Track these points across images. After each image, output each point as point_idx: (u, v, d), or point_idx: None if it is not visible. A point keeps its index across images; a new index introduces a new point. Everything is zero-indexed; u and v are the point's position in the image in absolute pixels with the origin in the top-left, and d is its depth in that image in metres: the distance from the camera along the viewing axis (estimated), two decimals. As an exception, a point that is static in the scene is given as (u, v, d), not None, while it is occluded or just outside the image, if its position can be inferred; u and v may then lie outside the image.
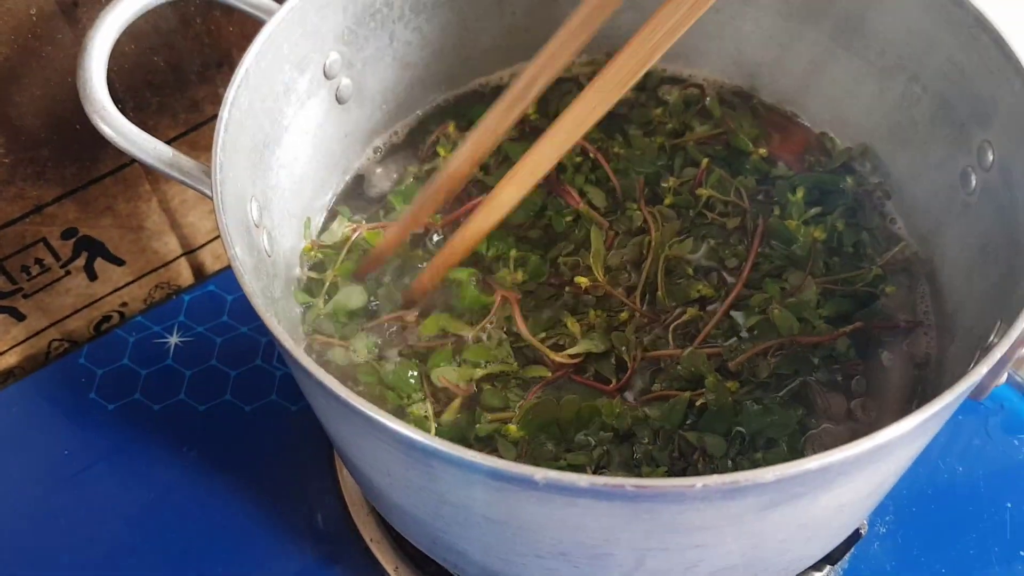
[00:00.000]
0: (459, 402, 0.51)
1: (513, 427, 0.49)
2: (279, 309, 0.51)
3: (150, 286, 0.69)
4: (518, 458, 0.49)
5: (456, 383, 0.51)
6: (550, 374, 0.52)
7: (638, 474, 0.48)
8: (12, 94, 0.53)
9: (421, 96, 0.62)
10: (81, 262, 0.64)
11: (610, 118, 0.63)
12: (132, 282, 0.67)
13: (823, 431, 0.49)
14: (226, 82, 0.46)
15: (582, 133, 0.48)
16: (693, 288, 0.54)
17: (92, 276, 0.65)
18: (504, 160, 0.61)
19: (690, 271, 0.55)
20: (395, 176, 0.61)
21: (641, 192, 0.58)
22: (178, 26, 0.57)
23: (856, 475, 0.37)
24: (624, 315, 0.53)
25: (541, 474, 0.33)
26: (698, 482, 0.32)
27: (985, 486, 0.59)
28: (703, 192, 0.58)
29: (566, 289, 0.55)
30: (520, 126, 0.63)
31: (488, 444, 0.50)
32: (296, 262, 0.56)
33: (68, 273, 0.64)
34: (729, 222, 0.57)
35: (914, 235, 0.56)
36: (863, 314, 0.53)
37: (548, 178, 0.60)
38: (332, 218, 0.59)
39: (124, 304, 0.68)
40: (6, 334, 0.64)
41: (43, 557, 0.58)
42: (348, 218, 0.59)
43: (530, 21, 0.62)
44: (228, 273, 0.70)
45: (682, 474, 0.48)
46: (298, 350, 0.37)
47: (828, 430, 0.49)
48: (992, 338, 0.41)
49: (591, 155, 0.60)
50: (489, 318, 0.53)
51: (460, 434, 0.50)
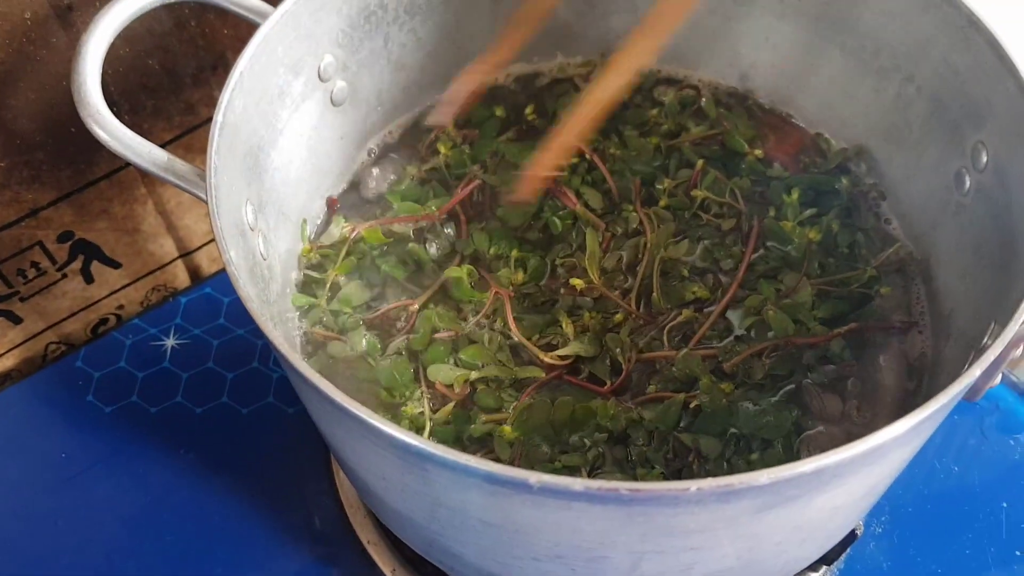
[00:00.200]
0: (454, 402, 0.51)
1: (508, 428, 0.49)
2: (275, 312, 0.51)
3: (146, 289, 0.69)
4: (513, 460, 0.49)
5: (450, 386, 0.51)
6: (544, 375, 0.52)
7: (633, 476, 0.48)
8: (7, 98, 0.53)
9: (416, 97, 0.62)
10: (77, 265, 0.64)
11: (605, 117, 0.63)
12: (128, 285, 0.67)
13: (818, 432, 0.49)
14: (221, 85, 0.46)
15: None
16: (688, 290, 0.54)
17: (88, 279, 0.65)
18: (501, 160, 0.61)
19: (685, 272, 0.55)
20: (392, 177, 0.61)
21: (637, 193, 0.58)
22: (172, 29, 0.57)
23: (851, 477, 0.37)
24: (619, 316, 0.53)
25: (536, 478, 0.33)
26: (692, 485, 0.32)
27: (981, 486, 0.59)
28: (698, 193, 0.58)
29: (561, 291, 0.55)
30: (518, 126, 0.63)
31: (483, 445, 0.50)
32: (293, 264, 0.56)
33: (64, 276, 0.64)
34: (724, 223, 0.57)
35: (909, 236, 0.56)
36: (858, 315, 0.53)
37: (545, 180, 0.60)
38: (328, 220, 0.59)
39: (120, 307, 0.68)
40: (3, 337, 0.64)
41: (41, 560, 0.58)
42: (344, 220, 0.59)
43: (525, 22, 0.62)
44: (224, 275, 0.69)
45: (677, 476, 0.48)
46: (292, 353, 0.37)
47: (823, 431, 0.49)
48: (986, 340, 0.41)
49: (587, 156, 0.60)
50: (484, 312, 0.53)
51: (455, 434, 0.50)
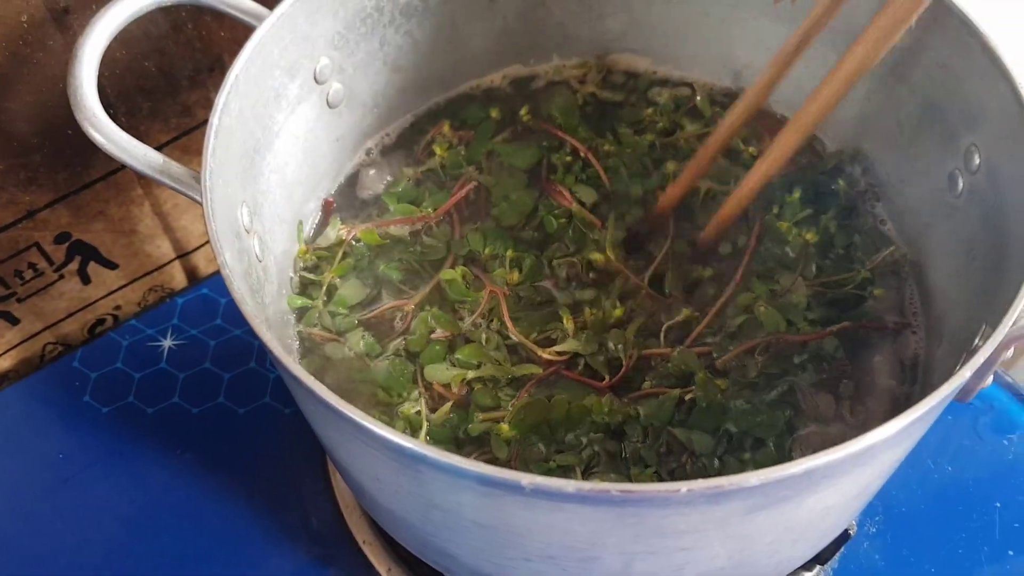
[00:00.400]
0: (451, 402, 0.51)
1: (505, 427, 0.49)
2: (270, 313, 0.51)
3: (144, 289, 0.69)
4: (510, 459, 0.49)
5: (447, 385, 0.51)
6: (541, 371, 0.52)
7: (627, 475, 0.48)
8: (3, 100, 0.53)
9: (413, 99, 0.63)
10: (74, 266, 0.64)
11: (600, 117, 0.63)
12: (125, 286, 0.68)
13: (811, 432, 0.49)
14: (218, 87, 0.46)
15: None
16: (698, 271, 0.55)
17: (85, 280, 0.65)
18: (498, 160, 0.61)
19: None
20: (388, 178, 0.61)
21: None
22: (169, 31, 0.57)
23: (842, 478, 0.38)
24: (619, 312, 0.54)
25: (528, 479, 0.33)
26: (683, 487, 0.33)
27: (974, 486, 0.59)
28: (702, 185, 0.58)
29: (564, 276, 0.55)
30: (513, 128, 0.63)
31: (480, 444, 0.50)
32: (288, 265, 0.56)
33: (62, 277, 0.64)
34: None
35: (904, 237, 0.56)
36: (851, 315, 0.53)
37: (539, 178, 0.60)
38: (325, 222, 0.59)
39: (118, 307, 0.69)
40: (0, 338, 0.64)
41: (39, 559, 0.58)
42: (341, 221, 0.59)
43: (521, 24, 0.62)
44: (221, 276, 0.70)
45: (670, 474, 0.48)
46: (284, 354, 0.37)
47: (816, 431, 0.49)
48: (977, 341, 0.41)
49: (582, 154, 0.60)
50: (480, 311, 0.54)
51: (452, 433, 0.50)
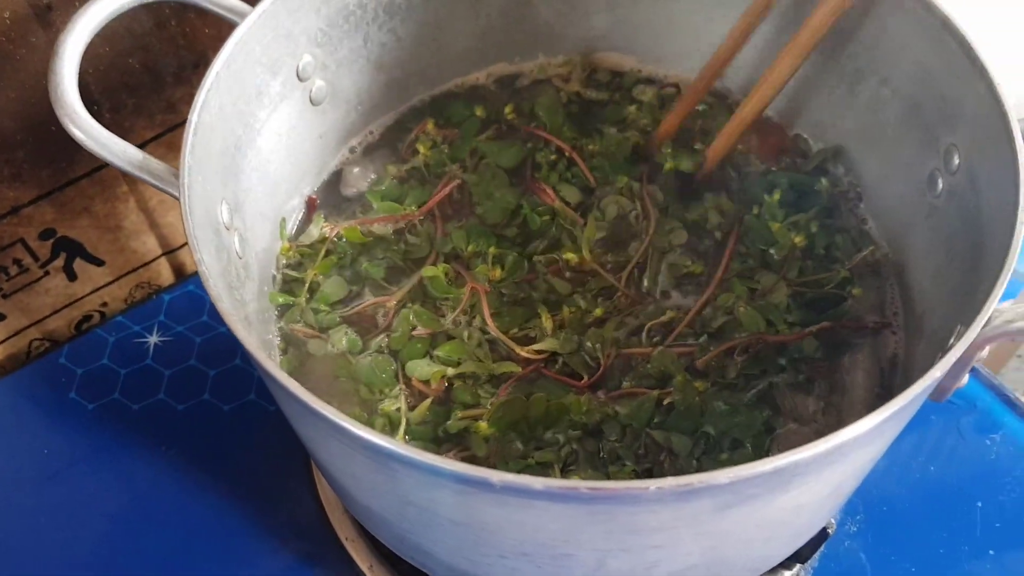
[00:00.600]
0: (431, 399, 0.51)
1: (484, 424, 0.50)
2: (251, 310, 0.51)
3: (130, 286, 0.69)
4: (488, 456, 0.49)
5: (427, 382, 0.51)
6: (520, 369, 0.52)
7: (605, 473, 0.48)
8: (-13, 97, 0.53)
9: (397, 97, 0.62)
10: (60, 262, 0.64)
11: (585, 116, 0.64)
12: (112, 282, 0.68)
13: (789, 432, 0.49)
14: (202, 83, 0.46)
15: None
16: (682, 263, 0.55)
17: (71, 276, 0.65)
18: (482, 158, 0.61)
19: (679, 252, 0.56)
20: (372, 176, 0.61)
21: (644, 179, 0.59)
22: (153, 28, 0.57)
23: (813, 477, 0.38)
24: (599, 311, 0.54)
25: (498, 477, 0.33)
26: (652, 484, 0.33)
27: (956, 485, 0.59)
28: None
29: (545, 273, 0.55)
30: (497, 126, 0.63)
31: (459, 441, 0.50)
32: (270, 263, 0.56)
33: (47, 273, 0.64)
34: (711, 216, 0.57)
35: (885, 237, 0.57)
36: (831, 315, 0.53)
37: (523, 177, 0.60)
38: (308, 219, 0.59)
39: (104, 304, 0.69)
40: (-14, 334, 0.65)
41: (23, 555, 0.58)
42: (324, 219, 0.59)
43: (505, 22, 0.62)
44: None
45: (648, 473, 0.48)
46: (260, 352, 0.37)
47: (795, 431, 0.49)
48: (951, 341, 0.41)
49: (566, 153, 0.61)
50: (462, 308, 0.54)
51: (431, 431, 0.50)
